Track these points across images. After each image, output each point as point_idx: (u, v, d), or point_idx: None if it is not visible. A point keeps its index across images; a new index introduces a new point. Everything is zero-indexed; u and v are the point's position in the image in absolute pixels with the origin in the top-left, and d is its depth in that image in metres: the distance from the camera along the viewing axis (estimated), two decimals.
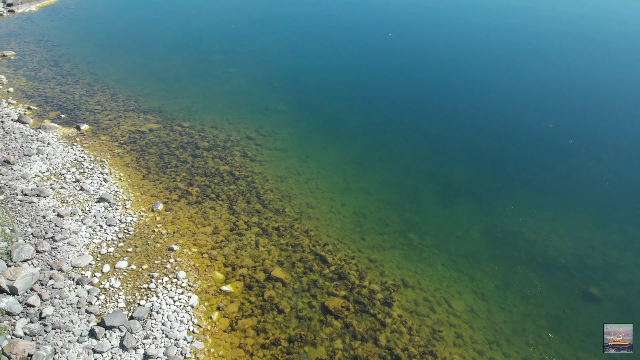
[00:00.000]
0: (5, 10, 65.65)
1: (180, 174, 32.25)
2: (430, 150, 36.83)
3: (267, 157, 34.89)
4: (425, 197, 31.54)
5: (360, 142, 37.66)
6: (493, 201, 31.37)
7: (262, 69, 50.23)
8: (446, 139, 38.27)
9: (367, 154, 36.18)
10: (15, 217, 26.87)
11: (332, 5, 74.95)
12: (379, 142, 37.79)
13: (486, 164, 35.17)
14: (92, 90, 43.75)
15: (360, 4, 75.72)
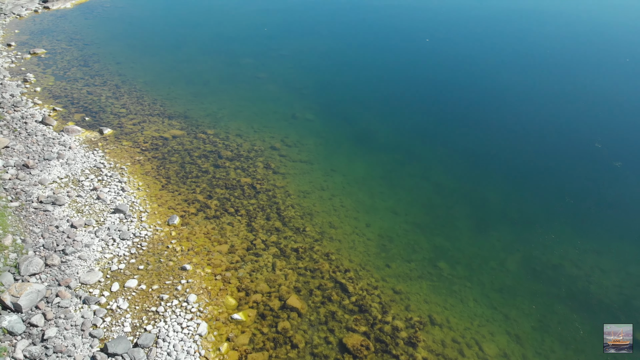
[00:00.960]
0: (40, 6, 66.34)
1: (201, 185, 30.99)
2: (466, 167, 34.48)
3: (291, 169, 33.29)
4: (458, 220, 29.30)
5: (390, 155, 35.64)
6: (532, 228, 28.89)
7: (292, 75, 48.72)
8: (483, 156, 35.82)
9: (397, 169, 34.15)
10: (28, 226, 26.08)
11: (370, 9, 72.85)
12: (410, 156, 35.69)
13: (526, 185, 32.63)
14: (118, 92, 43.14)
15: (398, 7, 73.33)
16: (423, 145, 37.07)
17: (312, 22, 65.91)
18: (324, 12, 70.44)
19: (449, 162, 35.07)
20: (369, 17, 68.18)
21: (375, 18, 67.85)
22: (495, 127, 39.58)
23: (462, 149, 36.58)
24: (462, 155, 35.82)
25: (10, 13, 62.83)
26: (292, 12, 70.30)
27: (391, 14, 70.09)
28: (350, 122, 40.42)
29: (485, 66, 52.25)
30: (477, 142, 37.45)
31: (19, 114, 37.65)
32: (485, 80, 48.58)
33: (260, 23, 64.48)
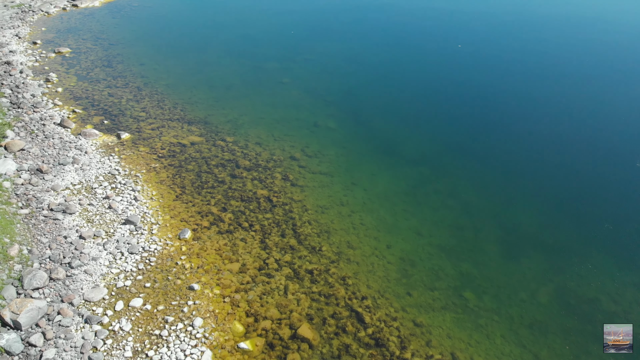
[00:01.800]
0: (69, 4, 66.60)
1: (216, 196, 29.78)
2: (497, 186, 32.39)
3: (310, 182, 31.79)
4: (487, 244, 27.30)
5: (415, 170, 33.78)
6: (567, 256, 26.67)
7: (316, 80, 47.22)
8: (517, 173, 33.64)
9: (422, 185, 32.27)
10: (36, 236, 25.29)
11: (402, 11, 70.76)
12: (437, 171, 33.77)
13: (562, 207, 30.35)
14: (140, 95, 42.43)
15: (431, 11, 71.02)
16: (452, 160, 35.07)
17: (341, 25, 64.23)
18: (354, 15, 68.67)
19: (480, 179, 33.01)
20: (399, 21, 66.16)
21: (406, 21, 65.80)
22: (532, 144, 37.19)
23: (494, 165, 34.45)
24: (493, 172, 33.71)
25: (38, 10, 63.23)
26: (321, 15, 68.79)
27: (423, 17, 67.89)
28: (374, 131, 38.70)
29: (522, 76, 49.67)
30: (511, 158, 35.23)
31: (37, 115, 37.23)
32: (523, 91, 46.00)
33: (288, 25, 63.21)
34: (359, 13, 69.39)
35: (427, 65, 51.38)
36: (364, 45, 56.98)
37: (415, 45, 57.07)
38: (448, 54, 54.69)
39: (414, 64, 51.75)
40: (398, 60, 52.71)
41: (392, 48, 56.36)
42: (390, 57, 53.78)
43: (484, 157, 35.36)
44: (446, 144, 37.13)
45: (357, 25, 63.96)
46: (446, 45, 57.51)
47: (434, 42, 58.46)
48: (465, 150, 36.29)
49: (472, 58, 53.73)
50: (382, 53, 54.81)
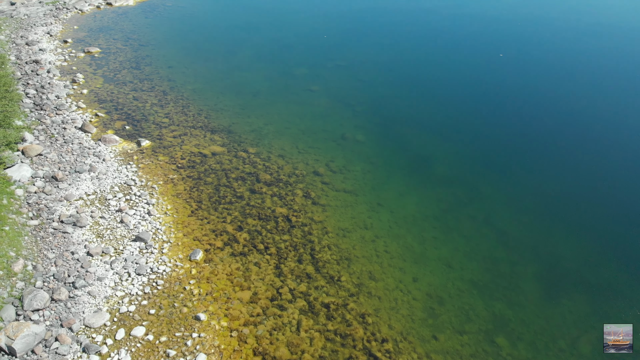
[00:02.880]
0: (103, 2, 66.54)
1: (233, 213, 28.17)
2: (538, 214, 29.66)
3: (333, 200, 29.82)
4: (524, 281, 24.74)
5: (447, 191, 31.37)
6: (613, 298, 23.88)
7: (346, 89, 45.16)
8: (560, 200, 30.80)
9: (455, 208, 29.85)
10: (43, 250, 24.22)
11: (440, 17, 67.82)
12: (471, 194, 31.25)
13: (608, 242, 27.43)
14: (165, 99, 41.34)
15: (471, 17, 67.80)
16: (489, 181, 32.47)
17: (376, 30, 61.85)
18: (390, 20, 66.12)
19: (518, 204, 30.35)
20: (438, 26, 63.28)
21: (445, 28, 62.86)
22: (579, 169, 34.12)
23: (535, 189, 31.66)
24: (534, 197, 30.95)
25: (72, 8, 63.35)
26: (356, 19, 66.48)
27: (463, 24, 64.78)
28: (405, 146, 36.37)
29: (572, 91, 46.23)
30: (554, 183, 32.33)
31: (60, 118, 36.54)
32: (574, 109, 42.59)
33: (321, 29, 61.25)
34: (396, 18, 66.79)
35: (465, 76, 48.52)
36: (399, 52, 54.49)
37: (453, 53, 54.16)
38: (489, 64, 51.58)
39: (451, 73, 48.94)
40: (435, 69, 50.03)
41: (429, 56, 53.66)
42: (427, 65, 51.13)
43: (525, 180, 32.60)
44: (483, 163, 34.51)
45: (393, 31, 61.41)
46: (487, 53, 54.37)
47: (474, 50, 55.42)
48: (504, 171, 33.61)
49: (516, 69, 50.47)
50: (418, 61, 52.21)
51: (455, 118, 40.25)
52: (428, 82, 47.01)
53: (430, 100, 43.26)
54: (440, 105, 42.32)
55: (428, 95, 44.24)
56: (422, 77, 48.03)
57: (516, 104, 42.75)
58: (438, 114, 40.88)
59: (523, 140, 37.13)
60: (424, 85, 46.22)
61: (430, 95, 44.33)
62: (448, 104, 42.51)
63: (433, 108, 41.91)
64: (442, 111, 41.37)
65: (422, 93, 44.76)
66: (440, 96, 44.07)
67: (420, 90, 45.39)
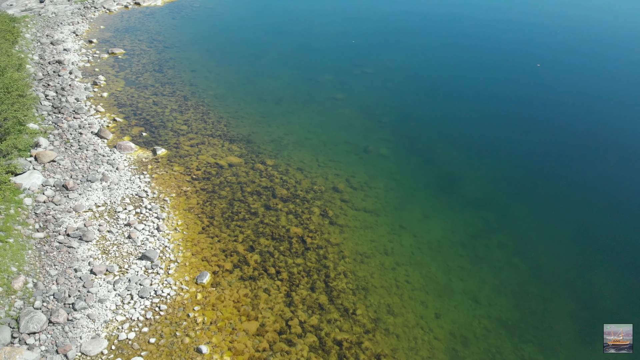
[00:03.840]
0: (131, 1, 66.21)
1: (245, 231, 26.69)
2: (575, 244, 27.26)
3: (352, 220, 28.02)
4: (557, 321, 22.48)
5: (476, 214, 29.19)
6: None
7: (372, 98, 43.21)
8: (603, 231, 28.26)
9: (484, 235, 27.68)
10: (45, 266, 23.19)
11: (475, 24, 65.04)
12: (503, 219, 29.01)
13: None
14: (185, 105, 40.23)
15: (507, 24, 64.73)
16: (522, 205, 30.14)
17: (406, 36, 59.51)
18: (421, 26, 63.71)
19: (553, 232, 27.98)
20: (471, 33, 60.52)
21: (478, 34, 60.08)
22: (622, 193, 31.40)
23: (573, 216, 29.21)
24: (571, 225, 28.51)
25: (101, 7, 63.18)
26: (386, 24, 64.18)
27: (499, 30, 61.81)
28: (431, 162, 34.30)
29: (616, 106, 43.13)
30: (595, 209, 29.78)
31: (77, 122, 35.78)
32: (617, 125, 39.65)
33: (349, 34, 59.29)
34: (428, 23, 64.32)
35: (500, 88, 45.81)
36: (430, 59, 52.12)
37: (487, 63, 51.43)
38: (526, 74, 48.67)
39: (484, 84, 46.33)
40: (467, 79, 47.51)
41: (461, 64, 51.11)
42: (458, 75, 48.64)
43: (562, 205, 30.13)
44: (516, 184, 32.14)
45: (424, 37, 59.02)
46: (523, 63, 51.46)
47: (510, 59, 52.51)
48: (539, 194, 31.20)
49: (555, 81, 47.40)
50: (449, 70, 49.74)
51: (487, 133, 37.86)
52: (459, 93, 44.57)
53: (461, 113, 40.87)
54: (472, 119, 39.91)
55: (459, 108, 41.84)
56: (453, 88, 45.61)
57: (556, 121, 39.96)
58: (469, 129, 38.52)
59: (562, 161, 34.47)
60: (455, 97, 43.80)
61: (462, 107, 41.91)
62: (480, 118, 40.08)
63: (464, 121, 39.55)
64: (474, 125, 38.99)
65: (453, 105, 42.38)
66: (472, 109, 41.62)
67: (450, 101, 43.01)
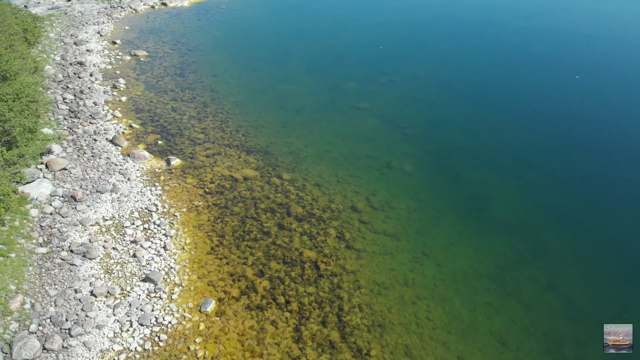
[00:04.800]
0: (159, 2, 65.69)
1: (256, 253, 25.15)
2: (615, 280, 24.74)
3: (370, 245, 26.17)
4: None
5: (506, 242, 26.96)
6: None
7: (398, 108, 41.16)
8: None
9: (514, 266, 25.43)
10: (45, 285, 22.12)
11: (510, 31, 62.02)
12: (535, 248, 26.71)
13: None
14: (204, 112, 39.01)
15: (545, 33, 61.46)
16: (556, 233, 27.74)
17: (436, 43, 56.87)
18: (454, 32, 60.98)
19: (590, 265, 25.55)
20: (507, 41, 57.57)
21: (515, 42, 57.10)
22: None
23: (613, 248, 26.63)
24: (610, 259, 25.99)
25: (127, 7, 62.84)
26: (417, 29, 61.68)
27: (534, 39, 58.60)
28: (459, 182, 32.12)
29: None
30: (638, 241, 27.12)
31: (92, 128, 34.93)
32: None
33: (377, 39, 57.20)
34: (460, 30, 61.55)
35: (536, 101, 42.91)
36: (462, 69, 49.60)
37: (523, 73, 48.50)
38: (564, 87, 45.71)
39: (520, 98, 43.46)
40: (501, 91, 44.79)
41: (495, 75, 48.42)
42: (492, 86, 46.00)
43: (601, 235, 27.58)
44: (552, 210, 29.69)
45: (457, 44, 56.29)
46: (561, 74, 48.46)
47: (546, 70, 49.50)
48: (576, 223, 28.69)
49: (595, 95, 44.29)
50: (482, 80, 47.13)
51: (522, 152, 35.33)
52: (492, 105, 42.00)
53: (494, 128, 38.41)
54: (506, 136, 37.41)
55: (492, 122, 39.36)
56: (485, 100, 43.06)
57: (600, 142, 36.98)
58: (502, 146, 36.07)
59: (604, 187, 31.72)
60: (488, 110, 41.26)
61: (495, 122, 39.42)
62: (515, 135, 37.51)
63: (497, 138, 37.09)
64: (507, 142, 36.49)
65: (485, 119, 39.92)
66: (506, 124, 39.10)
67: (482, 115, 40.53)
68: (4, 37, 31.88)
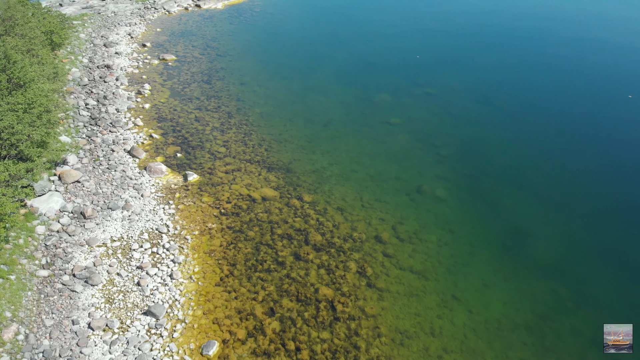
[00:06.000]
0: (192, 3, 64.79)
1: (268, 287, 23.18)
2: None
3: (394, 283, 23.81)
4: None
5: (548, 287, 24.19)
6: None
7: (432, 125, 38.45)
8: None
9: (556, 316, 22.60)
10: (42, 314, 20.80)
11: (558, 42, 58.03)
12: (580, 295, 23.84)
13: None
14: (228, 123, 37.38)
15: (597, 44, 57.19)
16: (606, 279, 24.65)
17: (478, 53, 53.49)
18: (497, 42, 57.44)
19: None
20: (554, 53, 53.64)
21: (563, 54, 53.10)
22: None
23: None
24: None
25: (161, 8, 62.12)
26: (457, 38, 58.17)
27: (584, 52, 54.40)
28: (497, 211, 29.32)
29: None
30: None
31: (111, 137, 33.80)
32: None
33: (415, 47, 54.30)
34: (505, 39, 57.88)
35: (586, 123, 39.34)
36: (504, 82, 46.31)
37: (571, 91, 44.68)
38: (616, 107, 41.83)
39: (567, 117, 39.91)
40: (546, 109, 41.25)
41: (541, 90, 44.77)
42: (537, 102, 42.44)
43: None
44: (601, 251, 26.59)
45: (499, 55, 52.77)
46: (613, 93, 44.43)
47: (597, 87, 45.56)
48: (630, 266, 25.44)
49: None
50: (527, 96, 43.62)
51: (569, 180, 32.16)
52: (537, 125, 38.62)
53: (539, 152, 35.19)
54: (551, 161, 34.18)
55: (536, 144, 36.11)
56: (529, 119, 39.69)
57: None
58: (547, 172, 32.94)
59: None
60: (532, 130, 37.95)
61: (540, 143, 36.15)
62: (562, 160, 34.22)
63: (541, 163, 33.94)
64: (553, 169, 33.31)
65: (529, 139, 36.68)
66: (553, 147, 35.76)
67: (526, 135, 37.29)
68: (23, 41, 30.91)
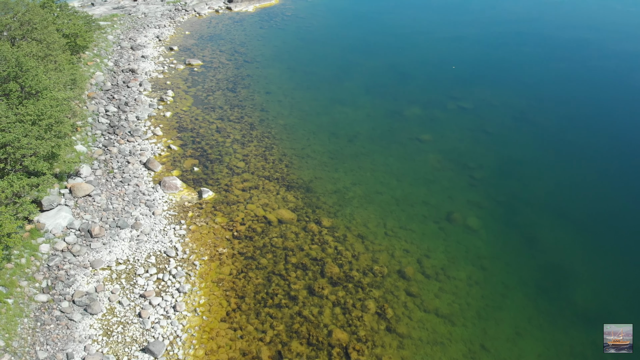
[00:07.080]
0: (223, 6, 63.72)
1: (277, 326, 21.36)
2: None
3: (417, 328, 21.58)
4: None
5: (589, 338, 21.66)
6: None
7: (466, 143, 35.86)
8: None
9: None
10: (36, 345, 19.61)
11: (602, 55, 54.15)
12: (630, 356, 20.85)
13: None
14: (249, 135, 35.82)
15: None
16: None
17: (519, 64, 50.38)
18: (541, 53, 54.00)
19: None
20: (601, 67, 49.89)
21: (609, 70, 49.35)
22: None
23: None
24: None
25: (192, 10, 61.27)
26: (497, 47, 55.12)
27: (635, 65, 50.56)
28: (535, 246, 26.71)
29: None
30: None
31: (128, 148, 32.67)
32: None
33: (451, 57, 51.61)
34: (547, 50, 54.35)
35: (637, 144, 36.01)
36: (546, 97, 43.20)
37: (619, 110, 41.20)
38: None
39: (614, 139, 36.59)
40: (592, 129, 38.08)
41: (586, 108, 41.46)
42: (582, 121, 39.30)
43: None
44: None
45: (540, 67, 49.52)
46: None
47: None
48: None
49: None
50: (570, 113, 40.40)
51: (617, 213, 29.15)
52: (582, 147, 35.54)
53: (583, 178, 32.26)
54: (597, 189, 31.22)
55: (580, 169, 33.17)
56: (573, 139, 36.58)
57: None
58: (592, 202, 30.09)
59: None
60: (576, 153, 34.92)
61: (584, 168, 33.19)
62: (609, 189, 31.22)
63: (585, 191, 31.03)
64: (599, 198, 30.37)
65: (572, 164, 33.75)
66: (599, 174, 32.74)
67: (569, 159, 34.32)
68: (40, 47, 29.94)
